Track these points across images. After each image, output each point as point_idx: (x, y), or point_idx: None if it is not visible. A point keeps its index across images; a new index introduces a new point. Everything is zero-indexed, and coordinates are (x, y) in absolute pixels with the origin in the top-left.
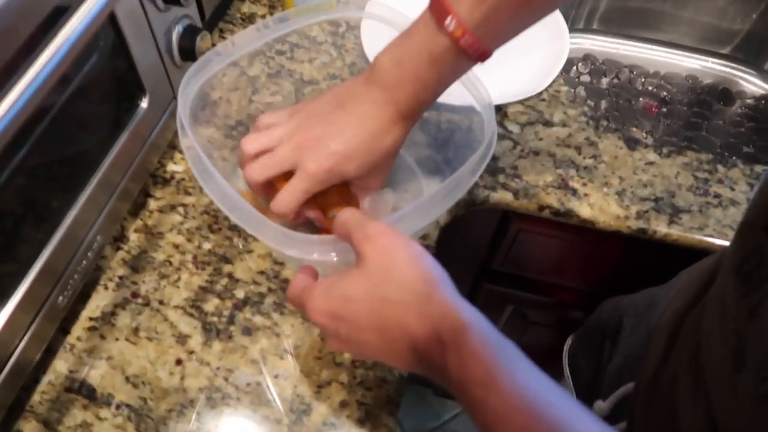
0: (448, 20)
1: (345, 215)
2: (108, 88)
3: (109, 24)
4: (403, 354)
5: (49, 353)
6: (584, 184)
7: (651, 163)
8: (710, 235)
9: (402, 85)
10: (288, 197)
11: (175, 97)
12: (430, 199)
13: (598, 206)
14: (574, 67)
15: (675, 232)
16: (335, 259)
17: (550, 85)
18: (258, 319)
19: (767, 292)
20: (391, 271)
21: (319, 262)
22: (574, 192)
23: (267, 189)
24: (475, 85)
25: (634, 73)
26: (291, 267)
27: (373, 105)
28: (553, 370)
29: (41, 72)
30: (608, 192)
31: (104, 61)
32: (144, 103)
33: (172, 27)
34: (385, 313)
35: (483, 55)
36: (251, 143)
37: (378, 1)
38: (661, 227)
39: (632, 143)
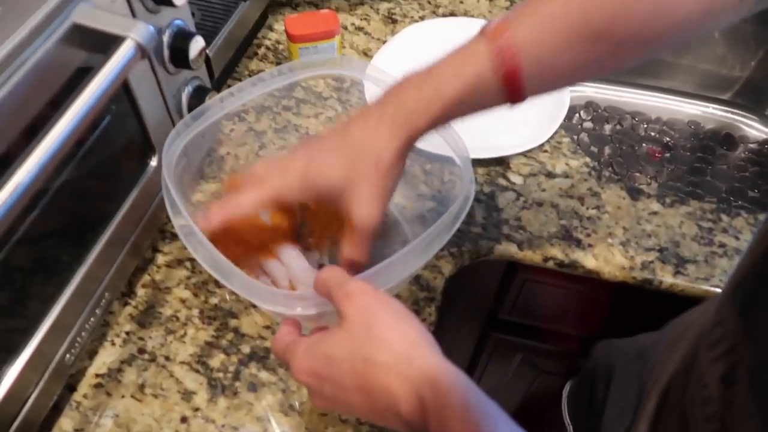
0: (493, 21)
1: (325, 273)
2: (119, 148)
3: (121, 88)
4: (386, 415)
5: (56, 411)
6: (588, 235)
7: (654, 213)
8: (717, 286)
9: (408, 84)
10: (253, 194)
11: (185, 155)
12: (408, 254)
13: (603, 257)
14: (577, 115)
15: (681, 283)
16: (316, 312)
17: (551, 136)
18: (264, 375)
19: (741, 377)
20: (373, 330)
21: (303, 316)
22: (579, 243)
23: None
24: (453, 138)
25: (636, 119)
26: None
27: (366, 111)
28: (562, 419)
29: (58, 138)
30: (612, 242)
31: (116, 123)
32: (153, 162)
33: (182, 88)
34: (368, 374)
35: (513, 76)
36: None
37: (377, 66)
38: (666, 277)
39: (635, 193)
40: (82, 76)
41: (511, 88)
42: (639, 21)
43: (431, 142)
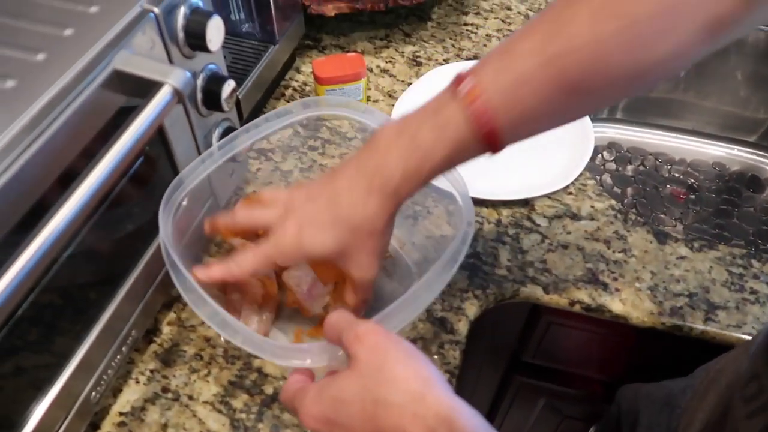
0: (465, 82)
1: (334, 317)
2: (150, 187)
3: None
4: None
5: None
6: (615, 279)
7: (683, 258)
8: (749, 333)
9: (390, 153)
10: (250, 258)
11: (212, 194)
12: (411, 296)
13: (631, 302)
14: (600, 155)
15: (712, 330)
16: (328, 363)
17: (576, 178)
18: (286, 417)
19: None
20: (384, 370)
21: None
22: (605, 287)
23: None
24: (455, 178)
25: (660, 160)
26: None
27: (351, 176)
28: None
29: (96, 181)
30: (640, 287)
31: (148, 164)
32: (184, 201)
33: (213, 129)
34: (378, 416)
35: (492, 136)
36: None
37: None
38: (697, 324)
39: (662, 237)
40: (120, 118)
41: (492, 145)
42: (614, 71)
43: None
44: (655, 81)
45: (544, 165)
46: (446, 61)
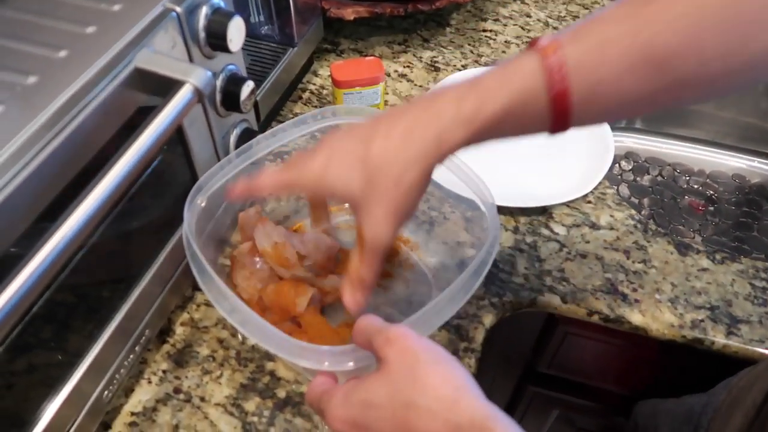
0: (544, 38)
1: (364, 321)
2: (166, 187)
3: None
4: None
5: None
6: (635, 290)
7: (704, 270)
8: None
9: (446, 94)
10: (271, 176)
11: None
12: (440, 302)
13: (651, 313)
14: (617, 165)
15: (734, 344)
16: (351, 366)
17: (595, 187)
18: (299, 422)
19: None
20: (416, 374)
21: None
22: (625, 298)
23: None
24: (476, 184)
25: (678, 171)
26: (307, 376)
27: (396, 115)
28: None
29: (116, 178)
30: (660, 299)
31: (165, 164)
32: (202, 203)
33: (231, 130)
34: (409, 421)
35: (563, 99)
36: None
37: None
38: (719, 338)
39: (683, 248)
40: (140, 116)
41: (559, 112)
42: (708, 55)
43: (462, 188)
44: (755, 78)
45: (562, 173)
46: (464, 66)
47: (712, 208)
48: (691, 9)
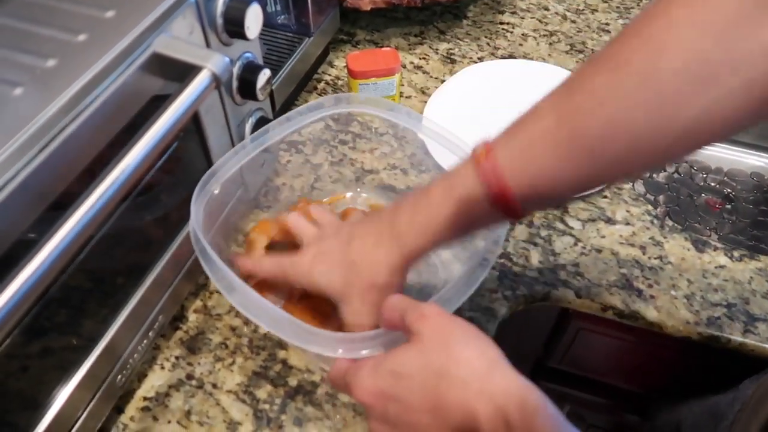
0: (479, 146)
1: (394, 299)
2: (182, 175)
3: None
4: None
5: None
6: (650, 286)
7: (722, 267)
8: None
9: (403, 207)
10: (269, 263)
11: (242, 184)
12: (440, 298)
13: (666, 310)
14: None
15: (751, 342)
16: (365, 354)
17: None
18: (310, 410)
19: None
20: (449, 346)
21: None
22: (640, 293)
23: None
24: None
25: (695, 168)
26: (320, 364)
27: (368, 224)
28: None
29: (134, 161)
30: (676, 295)
31: (182, 149)
32: (216, 189)
33: (246, 119)
34: (441, 391)
35: (504, 196)
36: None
37: (432, 119)
38: (735, 335)
39: (700, 245)
40: (157, 102)
41: (505, 208)
42: (635, 132)
43: None
44: (688, 147)
45: None
46: (481, 59)
47: (729, 206)
48: (610, 94)
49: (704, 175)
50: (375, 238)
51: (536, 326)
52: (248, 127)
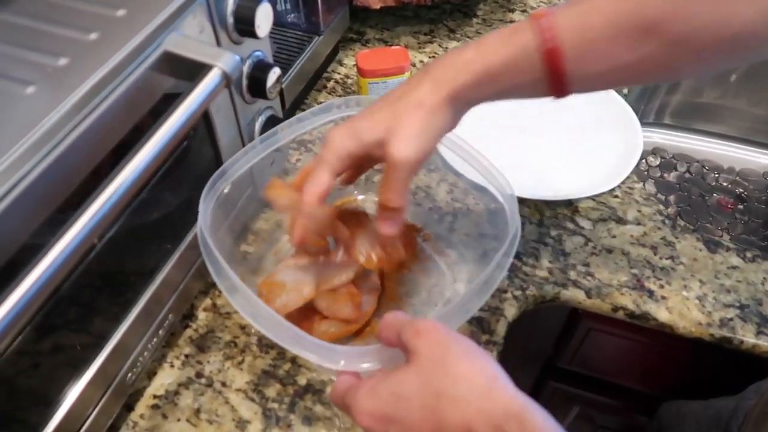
0: (538, 9)
1: (390, 317)
2: (191, 172)
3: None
4: None
5: (113, 430)
6: (661, 286)
7: (734, 268)
8: None
9: (453, 51)
10: (321, 171)
11: (252, 182)
12: (460, 302)
13: (678, 310)
14: (644, 160)
15: (764, 344)
16: (367, 368)
17: (622, 181)
18: (318, 409)
19: None
20: (447, 364)
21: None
22: (651, 294)
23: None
24: (495, 178)
25: (707, 168)
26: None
27: (410, 78)
28: None
29: (145, 159)
30: (688, 296)
31: (192, 148)
32: (226, 189)
33: (256, 117)
34: (441, 410)
35: (555, 57)
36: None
37: None
38: (748, 337)
39: (712, 245)
40: (167, 101)
41: (553, 71)
42: (698, 21)
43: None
44: (745, 53)
45: (589, 166)
46: None
47: (741, 207)
48: None
49: (716, 175)
50: (417, 80)
51: (546, 326)
52: (258, 125)
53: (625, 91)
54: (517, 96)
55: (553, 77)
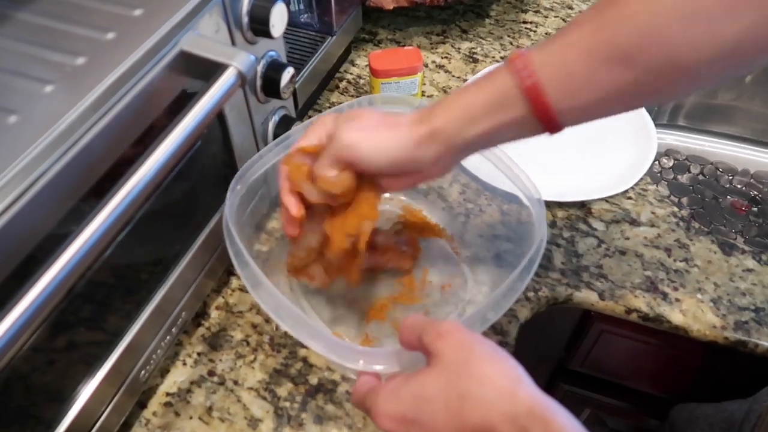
0: (514, 52)
1: (411, 319)
2: (205, 172)
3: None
4: None
5: (126, 427)
6: (675, 289)
7: (749, 271)
8: None
9: (446, 110)
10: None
11: (265, 182)
12: (484, 308)
13: (692, 313)
14: (657, 162)
15: None
16: (381, 369)
17: (636, 183)
18: (330, 408)
19: None
20: (470, 366)
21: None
22: (665, 296)
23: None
24: (521, 180)
25: (721, 170)
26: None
27: (409, 125)
28: None
29: (161, 158)
30: (702, 298)
31: (206, 147)
32: (242, 190)
33: (270, 117)
34: (464, 412)
35: (535, 92)
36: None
37: None
38: (763, 340)
39: (727, 248)
40: (182, 100)
41: (538, 107)
42: (669, 48)
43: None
44: (721, 72)
45: (602, 167)
46: (503, 58)
47: (755, 209)
48: (647, 6)
49: (730, 177)
50: (406, 118)
51: (558, 328)
52: (272, 125)
53: None
54: (509, 136)
55: (540, 113)
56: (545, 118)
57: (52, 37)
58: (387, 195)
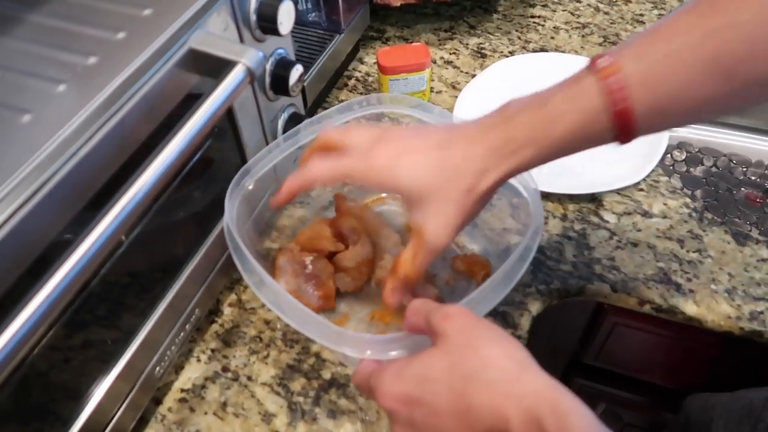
0: (603, 59)
1: (418, 302)
2: (216, 169)
3: (226, 111)
4: None
5: (142, 422)
6: (689, 280)
7: (764, 260)
8: None
9: (518, 115)
10: (327, 166)
11: (275, 180)
12: (480, 293)
13: (706, 304)
14: (669, 155)
15: None
16: (394, 355)
17: (648, 175)
18: (343, 402)
19: None
20: (476, 347)
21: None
22: (678, 287)
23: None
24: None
25: (734, 161)
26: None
27: (471, 130)
28: None
29: (172, 155)
30: (716, 289)
31: (216, 145)
32: (250, 185)
33: (279, 114)
34: (469, 393)
35: (626, 117)
36: (331, 132)
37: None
38: None
39: (741, 238)
40: (192, 98)
41: (622, 129)
42: None
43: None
44: None
45: (613, 160)
46: (511, 53)
47: None
48: (756, 16)
49: (744, 169)
50: (481, 146)
51: (571, 322)
52: (281, 122)
53: None
54: (573, 152)
55: (622, 134)
56: (624, 137)
57: (63, 38)
58: (385, 194)
